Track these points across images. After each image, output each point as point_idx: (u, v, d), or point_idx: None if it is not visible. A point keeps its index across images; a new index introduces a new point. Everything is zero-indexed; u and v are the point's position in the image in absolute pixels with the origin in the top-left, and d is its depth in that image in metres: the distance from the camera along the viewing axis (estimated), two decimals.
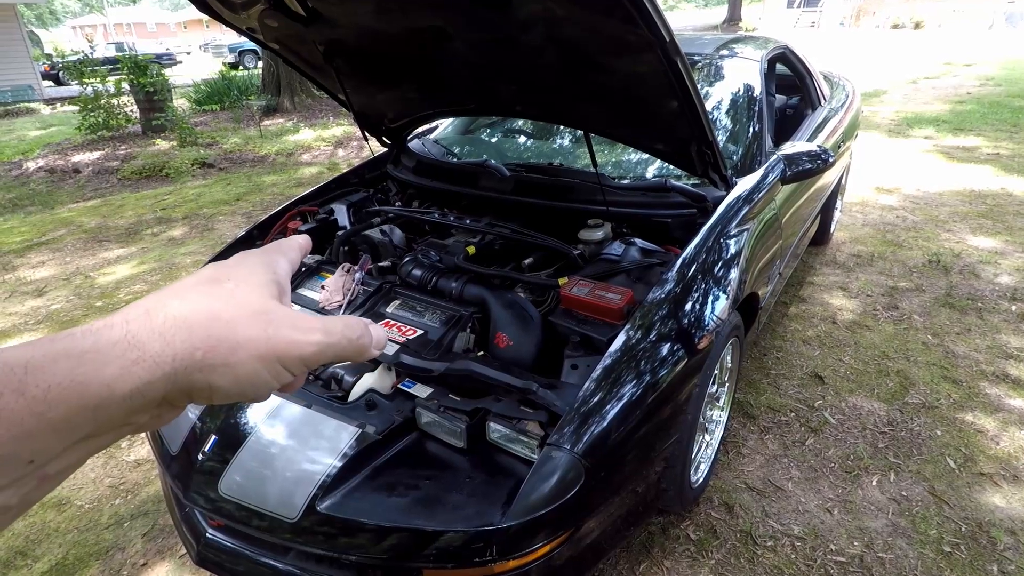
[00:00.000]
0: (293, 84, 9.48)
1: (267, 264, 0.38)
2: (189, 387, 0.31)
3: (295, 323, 0.34)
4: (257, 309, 0.34)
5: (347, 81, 2.05)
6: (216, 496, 1.30)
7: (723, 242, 1.72)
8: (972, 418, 2.21)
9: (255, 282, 0.36)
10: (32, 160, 7.05)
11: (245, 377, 0.32)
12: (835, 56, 13.29)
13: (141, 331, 0.30)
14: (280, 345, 0.33)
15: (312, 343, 0.34)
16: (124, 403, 0.29)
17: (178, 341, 0.30)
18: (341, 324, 0.37)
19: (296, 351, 0.34)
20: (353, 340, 0.37)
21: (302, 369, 0.35)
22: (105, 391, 0.28)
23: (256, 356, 0.32)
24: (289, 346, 0.33)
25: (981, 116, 6.92)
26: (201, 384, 0.31)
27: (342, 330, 0.37)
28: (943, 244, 3.64)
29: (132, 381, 0.29)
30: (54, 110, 12.26)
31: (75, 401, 0.28)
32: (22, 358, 0.27)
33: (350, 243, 2.01)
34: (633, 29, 1.24)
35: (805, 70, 3.05)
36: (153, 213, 5.04)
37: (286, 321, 0.34)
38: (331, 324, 0.36)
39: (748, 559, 1.72)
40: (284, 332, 0.34)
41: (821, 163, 2.10)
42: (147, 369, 0.29)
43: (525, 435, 1.27)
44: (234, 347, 0.32)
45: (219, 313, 0.32)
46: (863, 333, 2.76)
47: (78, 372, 0.28)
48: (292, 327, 0.34)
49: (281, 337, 0.33)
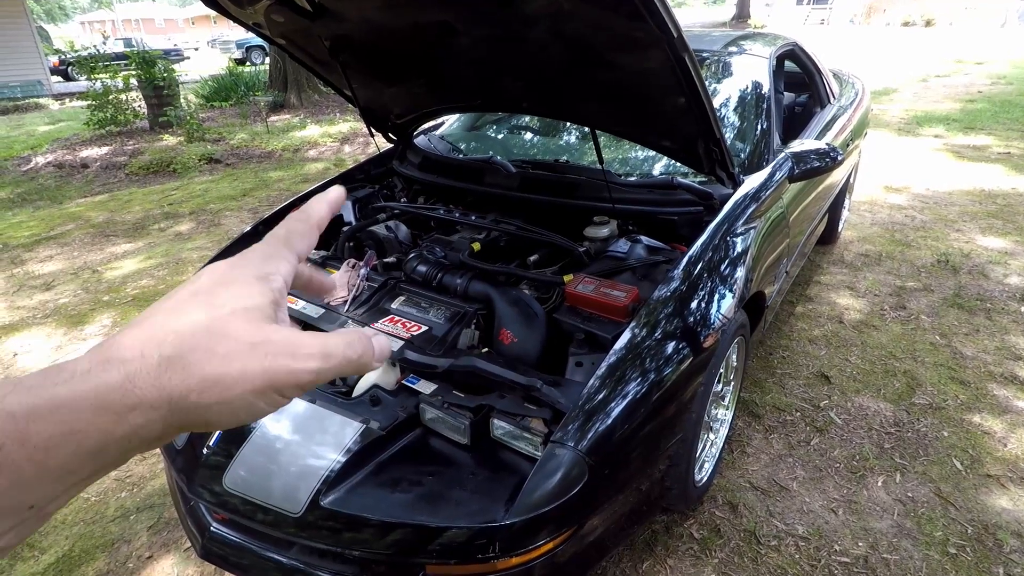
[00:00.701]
0: (300, 80, 9.49)
1: (264, 278, 0.36)
2: (184, 424, 0.31)
3: (293, 351, 0.33)
4: (253, 340, 0.33)
5: (353, 77, 2.05)
6: (221, 490, 1.30)
7: (730, 240, 1.71)
8: (979, 419, 2.19)
9: (252, 304, 0.34)
10: (41, 155, 7.10)
11: (241, 409, 0.32)
12: (844, 54, 13.19)
13: (138, 376, 0.30)
14: (278, 377, 0.32)
15: (310, 371, 0.34)
16: (121, 444, 0.30)
17: (173, 384, 0.30)
18: (342, 345, 0.35)
19: (293, 380, 0.33)
20: (353, 360, 0.36)
21: (298, 394, 0.34)
22: (103, 437, 0.29)
23: (252, 391, 0.32)
24: (288, 376, 0.33)
25: (992, 115, 6.85)
26: (197, 421, 0.32)
27: (343, 351, 0.35)
28: (952, 244, 3.61)
29: (129, 426, 0.29)
30: (63, 105, 12.32)
31: (74, 448, 0.28)
32: (25, 406, 0.27)
33: (355, 239, 2.01)
34: (641, 25, 1.23)
35: (814, 67, 3.03)
36: (160, 208, 5.07)
37: (284, 350, 0.33)
38: (331, 347, 0.35)
39: (752, 559, 1.71)
40: (281, 362, 0.33)
41: (830, 161, 2.09)
42: (143, 414, 0.30)
43: (529, 432, 1.27)
44: (230, 385, 0.31)
45: (214, 348, 0.31)
46: (870, 333, 2.74)
47: (79, 421, 0.28)
48: (290, 356, 0.33)
49: (278, 368, 0.32)
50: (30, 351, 2.93)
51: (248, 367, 0.32)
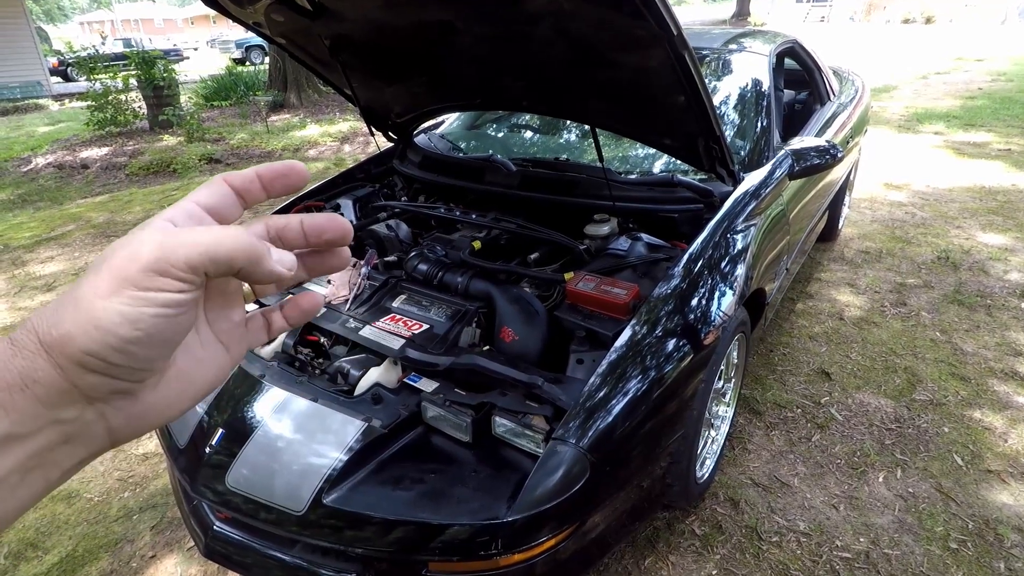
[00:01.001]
0: (300, 80, 9.49)
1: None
2: (78, 365, 0.29)
3: (128, 240, 0.31)
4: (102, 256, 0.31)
5: (353, 76, 2.05)
6: (223, 489, 1.30)
7: (730, 237, 1.72)
8: (980, 415, 2.20)
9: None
10: (41, 156, 7.10)
11: (103, 323, 0.29)
12: (844, 51, 13.18)
13: (18, 331, 0.30)
14: (123, 269, 0.29)
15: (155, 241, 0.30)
16: (24, 393, 0.29)
17: (37, 325, 0.30)
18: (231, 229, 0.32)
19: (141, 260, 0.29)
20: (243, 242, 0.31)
21: (167, 282, 0.29)
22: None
23: (96, 295, 0.29)
24: (127, 261, 0.29)
25: (992, 112, 6.84)
26: (79, 357, 0.29)
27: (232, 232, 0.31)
28: (952, 240, 3.61)
29: (16, 371, 0.29)
30: (62, 106, 12.32)
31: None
32: None
33: (356, 238, 2.02)
34: (641, 23, 1.23)
35: (814, 65, 3.03)
36: (161, 208, 5.03)
37: (122, 245, 0.30)
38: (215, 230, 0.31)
39: (753, 555, 1.71)
40: (120, 253, 0.30)
41: (830, 158, 2.09)
42: (25, 359, 0.29)
43: (531, 429, 1.27)
44: (77, 300, 0.29)
45: (75, 284, 0.30)
46: (871, 329, 2.75)
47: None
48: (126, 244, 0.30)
49: (122, 260, 0.29)
50: None
51: (90, 277, 0.30)
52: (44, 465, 0.31)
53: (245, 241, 0.32)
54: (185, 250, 0.30)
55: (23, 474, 0.30)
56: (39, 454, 0.30)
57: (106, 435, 0.32)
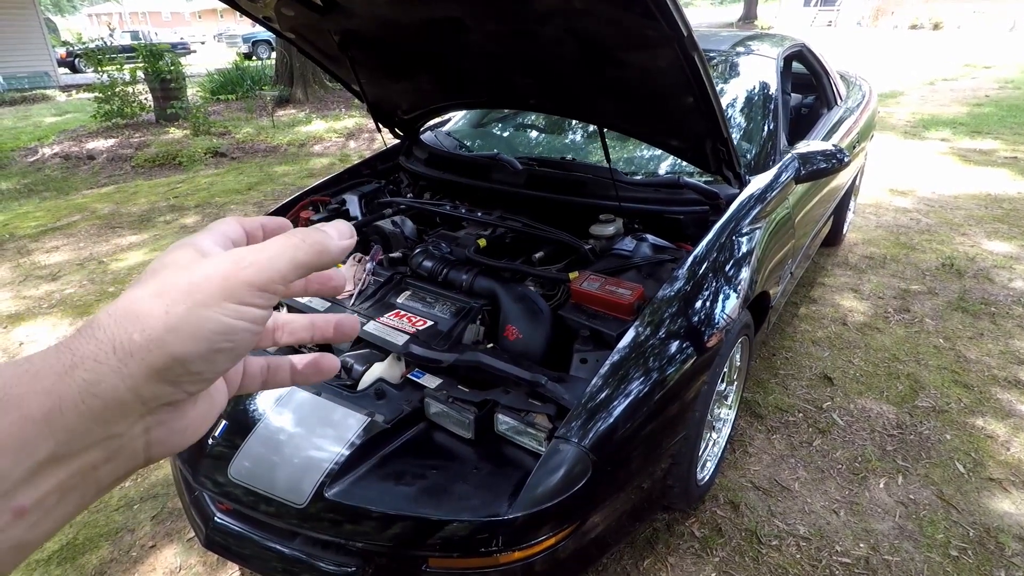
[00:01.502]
0: (306, 75, 9.50)
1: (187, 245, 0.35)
2: (155, 373, 0.29)
3: (223, 259, 0.32)
4: (183, 268, 0.31)
5: (362, 72, 2.05)
6: (225, 480, 1.31)
7: (735, 240, 1.71)
8: (982, 423, 2.19)
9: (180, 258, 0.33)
10: (48, 146, 7.12)
11: (202, 331, 0.29)
12: (851, 56, 13.15)
13: (73, 339, 0.29)
14: (224, 282, 0.30)
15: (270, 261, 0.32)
16: (78, 409, 0.27)
17: (110, 332, 0.28)
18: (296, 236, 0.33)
19: (242, 277, 0.31)
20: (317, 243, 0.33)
21: (264, 297, 0.31)
22: (48, 400, 0.27)
23: (196, 304, 0.29)
24: (230, 277, 0.31)
25: (999, 119, 6.82)
26: (165, 363, 0.29)
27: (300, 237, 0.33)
28: (957, 248, 3.60)
29: (75, 385, 0.27)
30: (69, 97, 12.35)
31: (15, 414, 0.26)
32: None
33: (362, 233, 2.02)
34: (652, 23, 1.23)
35: (822, 69, 3.02)
36: (166, 201, 5.08)
37: (215, 262, 0.31)
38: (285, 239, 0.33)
39: (753, 558, 1.71)
40: (217, 267, 0.31)
41: (836, 163, 2.09)
42: (89, 370, 0.28)
43: (533, 428, 1.28)
44: (168, 307, 0.29)
45: (140, 294, 0.30)
46: (874, 335, 2.74)
47: (15, 386, 0.27)
48: (217, 264, 0.31)
49: (219, 274, 0.31)
50: (36, 341, 2.94)
51: (180, 284, 0.30)
52: (84, 484, 0.29)
53: (311, 239, 0.34)
54: (279, 263, 0.32)
55: (61, 494, 0.29)
56: (81, 473, 0.29)
57: (144, 451, 0.31)
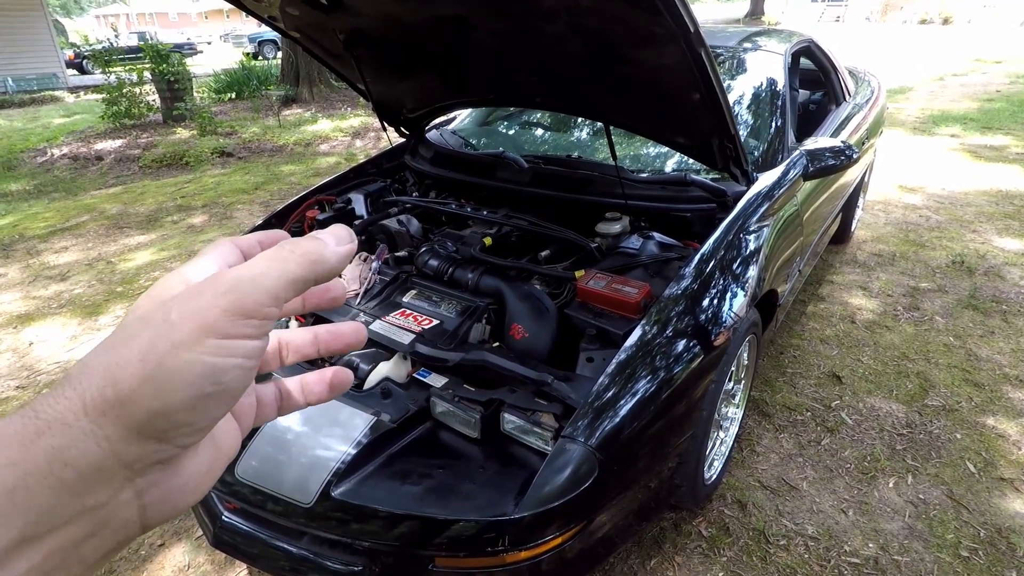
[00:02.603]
0: (312, 74, 9.52)
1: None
2: (135, 431, 0.25)
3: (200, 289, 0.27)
4: (161, 304, 0.27)
5: (367, 70, 2.05)
6: (232, 479, 1.31)
7: (742, 238, 1.70)
8: (993, 422, 2.17)
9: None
10: (56, 147, 7.17)
11: (183, 377, 0.25)
12: (860, 51, 13.04)
13: (40, 400, 0.25)
14: (202, 316, 0.26)
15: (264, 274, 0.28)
16: (47, 482, 0.24)
17: (79, 389, 0.25)
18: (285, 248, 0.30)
19: (222, 306, 0.26)
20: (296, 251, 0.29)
21: (254, 325, 0.27)
22: (12, 475, 0.24)
23: (174, 346, 0.25)
24: (208, 309, 0.26)
25: (1011, 114, 6.75)
26: (144, 418, 0.25)
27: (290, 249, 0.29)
28: (968, 245, 3.56)
29: (42, 454, 0.24)
30: (78, 98, 12.43)
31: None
32: None
33: (367, 232, 2.02)
34: (658, 19, 1.22)
35: (830, 65, 3.00)
36: (173, 201, 5.10)
37: (192, 293, 0.27)
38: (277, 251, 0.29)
39: (761, 558, 1.70)
40: (195, 299, 0.27)
41: (844, 159, 2.07)
42: (57, 435, 0.24)
43: (539, 427, 1.27)
44: (142, 354, 0.25)
45: (112, 340, 0.26)
46: (883, 333, 2.72)
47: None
48: (194, 294, 0.27)
49: (195, 308, 0.26)
50: (45, 340, 2.96)
51: (155, 327, 0.26)
52: (66, 564, 0.26)
53: (302, 250, 0.29)
54: (265, 282, 0.27)
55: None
56: (62, 552, 0.25)
57: (138, 518, 0.28)
